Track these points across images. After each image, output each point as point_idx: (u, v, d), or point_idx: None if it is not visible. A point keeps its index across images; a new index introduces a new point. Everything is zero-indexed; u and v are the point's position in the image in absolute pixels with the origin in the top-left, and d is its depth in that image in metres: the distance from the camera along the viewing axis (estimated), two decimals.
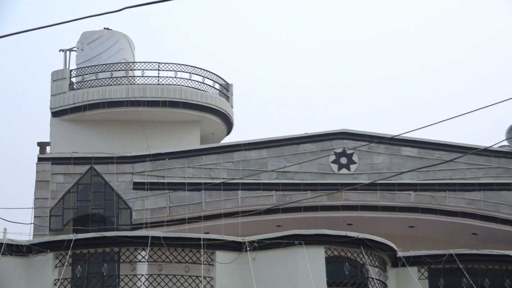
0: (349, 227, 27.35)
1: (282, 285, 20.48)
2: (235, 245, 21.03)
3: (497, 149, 30.04)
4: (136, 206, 28.86)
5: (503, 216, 29.67)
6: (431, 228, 30.00)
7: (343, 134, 30.18)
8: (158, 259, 20.78)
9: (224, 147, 30.24)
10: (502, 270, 22.59)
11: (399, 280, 22.27)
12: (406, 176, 29.41)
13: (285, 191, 29.43)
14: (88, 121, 31.03)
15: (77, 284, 20.67)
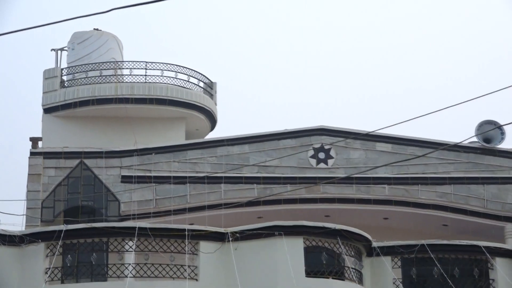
0: (327, 219, 27.37)
1: (262, 274, 20.50)
2: (218, 235, 21.04)
3: (467, 145, 30.13)
4: (124, 198, 28.83)
5: (472, 209, 29.78)
6: (405, 219, 30.09)
7: (321, 130, 30.22)
8: (144, 249, 20.77)
9: (208, 143, 30.25)
10: (471, 260, 22.68)
11: (374, 269, 22.33)
12: (381, 171, 29.47)
13: (266, 184, 29.45)
14: (78, 118, 31.00)
15: (67, 272, 20.65)
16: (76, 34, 32.80)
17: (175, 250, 20.75)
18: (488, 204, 29.81)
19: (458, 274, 22.32)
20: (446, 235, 28.58)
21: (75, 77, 31.48)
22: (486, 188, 30.03)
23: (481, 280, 22.45)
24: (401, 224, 30.15)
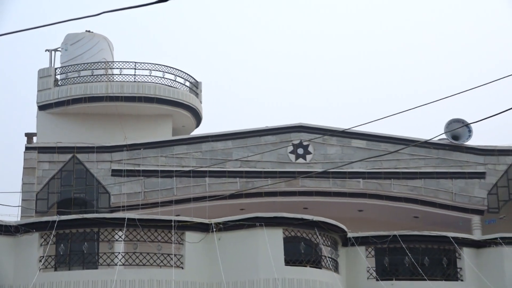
0: (305, 211, 27.38)
1: (244, 263, 20.50)
2: (203, 226, 21.02)
3: (436, 141, 30.22)
4: (114, 191, 28.78)
5: (441, 202, 29.87)
6: (378, 212, 30.16)
7: (300, 127, 30.26)
8: (133, 239, 20.74)
9: (194, 139, 30.23)
10: (440, 250, 22.75)
11: (349, 258, 22.37)
12: (356, 166, 29.52)
13: (248, 178, 29.46)
14: (71, 114, 30.95)
15: (60, 260, 20.59)
16: (69, 35, 32.77)
17: (162, 240, 20.73)
18: (456, 198, 29.91)
19: (428, 263, 22.39)
20: (416, 226, 28.66)
21: (68, 76, 31.46)
22: (454, 182, 30.13)
23: (449, 268, 22.53)
24: (374, 216, 30.23)
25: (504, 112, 17.01)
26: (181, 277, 20.23)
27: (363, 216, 30.13)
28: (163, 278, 20.06)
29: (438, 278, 22.27)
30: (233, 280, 20.27)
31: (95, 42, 32.62)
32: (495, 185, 30.20)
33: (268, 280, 20.11)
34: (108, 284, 19.78)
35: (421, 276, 21.98)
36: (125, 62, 31.65)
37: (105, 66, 31.63)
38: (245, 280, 20.24)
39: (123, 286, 19.87)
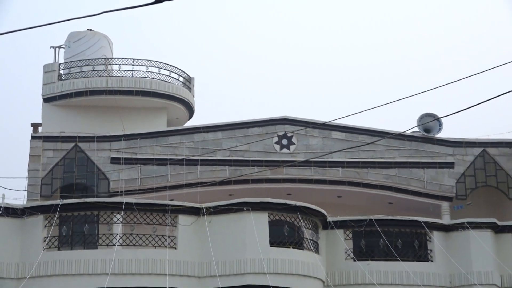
0: (289, 197, 27.41)
1: (232, 244, 20.52)
2: (195, 210, 21.03)
3: (409, 134, 30.29)
4: (113, 177, 28.75)
5: (414, 189, 29.95)
6: (355, 198, 30.21)
7: (284, 120, 30.27)
8: (130, 221, 20.74)
9: (186, 130, 30.22)
10: (412, 233, 22.82)
11: (329, 240, 22.41)
12: (336, 155, 29.55)
13: (236, 166, 29.46)
14: (73, 107, 30.90)
15: (63, 241, 20.57)
16: (72, 34, 32.73)
17: (157, 223, 20.74)
18: (427, 185, 29.99)
19: (401, 245, 22.45)
20: (391, 211, 28.71)
21: (71, 71, 31.43)
22: (425, 171, 30.21)
23: (421, 250, 22.61)
24: (352, 201, 30.28)
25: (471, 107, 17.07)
26: (174, 257, 20.25)
27: (342, 202, 30.17)
28: (157, 257, 20.07)
29: (410, 259, 22.34)
30: (222, 260, 20.30)
31: (96, 40, 32.60)
32: (463, 174, 30.30)
33: (254, 260, 20.15)
34: (107, 263, 19.78)
35: (394, 257, 22.05)
36: (123, 58, 31.64)
37: (105, 62, 31.62)
38: (233, 259, 20.27)
39: (121, 265, 19.87)
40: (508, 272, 22.33)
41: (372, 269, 21.87)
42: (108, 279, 19.40)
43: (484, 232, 22.63)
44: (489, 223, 22.87)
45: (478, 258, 22.18)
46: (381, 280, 21.76)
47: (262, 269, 20.01)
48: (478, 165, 30.54)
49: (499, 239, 22.81)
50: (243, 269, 20.12)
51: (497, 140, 31.07)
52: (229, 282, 20.07)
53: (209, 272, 20.27)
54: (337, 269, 22.05)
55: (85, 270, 19.83)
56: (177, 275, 20.04)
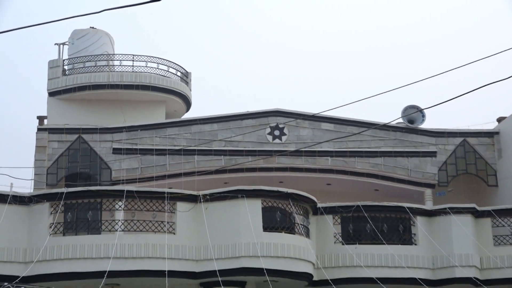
0: (280, 184, 27.44)
1: (228, 229, 20.55)
2: (192, 197, 21.05)
3: (394, 125, 30.33)
4: (114, 166, 28.75)
5: (398, 177, 30.01)
6: (344, 185, 30.25)
7: (276, 112, 30.28)
8: (131, 208, 20.75)
9: (184, 122, 30.21)
10: (396, 218, 22.88)
11: (319, 225, 22.47)
12: (325, 145, 29.58)
13: (231, 156, 29.48)
14: (77, 100, 30.88)
15: (68, 227, 20.58)
16: (75, 31, 32.72)
17: (156, 209, 20.75)
18: (411, 173, 30.05)
19: (386, 230, 22.51)
20: (377, 198, 28.79)
21: (74, 67, 31.44)
22: (409, 160, 30.26)
23: (405, 234, 22.68)
24: (340, 189, 30.33)
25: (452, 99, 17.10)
26: (173, 242, 20.28)
27: (331, 189, 30.22)
28: (157, 242, 20.10)
29: (395, 243, 22.42)
30: (218, 244, 20.33)
31: (98, 37, 32.57)
32: (444, 162, 30.37)
33: (248, 244, 20.19)
34: (109, 247, 19.80)
35: (380, 241, 22.11)
36: (124, 54, 31.63)
37: (107, 58, 31.61)
38: (229, 244, 20.31)
39: (122, 249, 19.89)
40: (487, 254, 22.41)
41: (360, 252, 21.94)
42: (110, 263, 19.43)
43: (465, 217, 22.70)
44: (469, 208, 22.94)
45: (459, 241, 22.26)
46: (367, 263, 21.83)
47: (256, 253, 20.05)
48: (459, 154, 30.62)
49: (478, 223, 22.89)
50: (238, 252, 20.16)
51: (477, 131, 31.16)
52: (225, 265, 20.11)
53: (206, 256, 20.31)
54: (326, 252, 22.10)
55: (88, 254, 19.85)
56: (176, 259, 20.08)
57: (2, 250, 19.95)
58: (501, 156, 30.64)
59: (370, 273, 21.56)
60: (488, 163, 30.58)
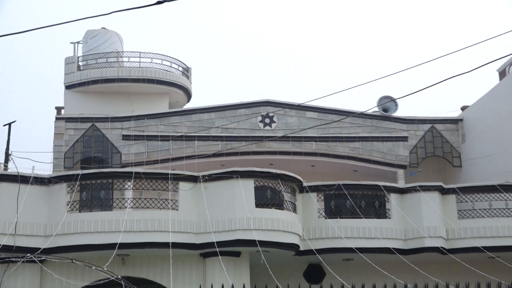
0: (271, 166, 27.46)
1: (224, 206, 20.56)
2: (193, 178, 21.04)
3: (370, 113, 30.36)
4: (124, 151, 28.72)
5: (374, 159, 30.07)
6: (326, 167, 30.30)
7: (267, 102, 30.28)
8: (139, 188, 20.73)
9: (185, 111, 30.20)
10: (373, 195, 22.91)
11: (304, 202, 22.49)
12: (310, 132, 29.60)
13: (227, 141, 29.48)
14: (90, 92, 30.82)
15: (83, 204, 20.56)
16: (88, 31, 32.69)
17: (161, 188, 20.74)
18: (385, 156, 30.11)
19: (364, 205, 22.55)
20: (356, 177, 28.83)
21: (88, 63, 31.37)
22: (384, 144, 30.32)
23: (380, 209, 22.72)
24: (323, 170, 30.37)
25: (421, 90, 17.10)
26: (176, 217, 20.29)
27: (315, 170, 30.26)
28: (162, 217, 20.11)
29: (371, 217, 22.46)
30: (216, 219, 20.36)
31: (108, 37, 32.52)
32: (415, 146, 30.44)
33: (242, 218, 20.22)
34: (120, 222, 19.81)
35: (358, 215, 22.17)
36: (132, 52, 31.62)
37: (116, 55, 31.57)
38: (225, 218, 20.34)
39: (131, 224, 19.90)
40: (452, 226, 22.49)
41: (340, 225, 21.99)
42: (121, 236, 19.44)
43: (432, 194, 22.76)
44: (437, 186, 23.00)
45: (428, 215, 22.33)
46: (347, 234, 21.89)
47: (249, 226, 20.08)
48: (428, 138, 30.70)
49: (444, 199, 22.95)
50: (233, 226, 20.19)
51: (443, 118, 31.25)
52: (222, 237, 20.14)
53: (205, 229, 20.33)
54: (311, 226, 22.15)
55: (102, 228, 19.85)
56: (178, 232, 20.09)
57: (25, 225, 19.94)
58: (464, 140, 30.73)
59: (350, 244, 21.62)
60: (453, 147, 30.66)
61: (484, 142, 29.33)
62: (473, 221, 22.55)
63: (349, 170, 30.35)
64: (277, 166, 26.17)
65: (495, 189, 22.81)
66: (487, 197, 22.83)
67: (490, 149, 28.61)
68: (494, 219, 22.39)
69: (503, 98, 28.42)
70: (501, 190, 22.74)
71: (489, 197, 22.80)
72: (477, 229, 22.36)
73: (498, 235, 22.18)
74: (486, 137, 29.27)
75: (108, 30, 32.76)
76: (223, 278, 19.17)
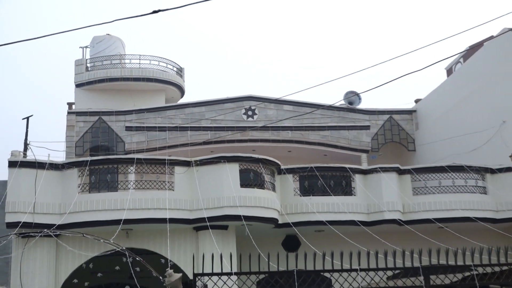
0: (253, 152, 27.51)
1: (213, 186, 20.55)
2: (186, 162, 21.02)
3: (338, 106, 30.46)
4: (127, 140, 28.63)
5: (342, 145, 30.20)
6: (301, 152, 30.40)
7: (249, 97, 30.28)
8: (140, 171, 20.67)
9: (179, 105, 30.15)
10: (340, 176, 22.97)
11: (282, 182, 22.54)
12: (286, 122, 29.67)
13: (215, 131, 29.46)
14: (97, 90, 30.72)
15: (92, 186, 20.46)
16: (95, 37, 32.59)
17: (159, 172, 20.68)
18: (351, 142, 30.24)
19: (333, 184, 22.60)
20: (325, 161, 28.95)
21: (95, 64, 31.23)
22: (349, 132, 30.43)
23: (347, 187, 22.80)
24: (298, 154, 30.47)
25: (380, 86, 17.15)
26: (172, 196, 20.27)
27: (291, 155, 30.36)
28: (160, 197, 20.08)
29: (339, 194, 22.54)
30: (207, 197, 20.36)
31: (112, 42, 32.45)
32: (376, 133, 30.59)
33: (229, 197, 20.24)
34: (124, 201, 19.75)
35: (328, 193, 22.24)
36: (133, 54, 31.57)
37: (119, 57, 31.48)
38: (214, 197, 20.35)
39: (134, 202, 19.86)
40: (408, 201, 22.62)
41: (313, 202, 22.06)
42: (125, 213, 19.40)
43: (391, 174, 22.87)
44: (394, 167, 23.12)
45: (387, 192, 22.45)
46: (319, 210, 21.97)
47: (235, 204, 20.10)
48: (386, 127, 30.85)
49: (401, 178, 23.08)
50: (222, 203, 20.20)
51: (400, 109, 31.43)
52: (212, 213, 20.16)
53: (197, 207, 20.33)
54: (288, 202, 22.20)
55: (108, 207, 19.80)
56: (174, 209, 20.08)
57: (42, 205, 19.84)
58: (417, 128, 30.91)
59: (321, 217, 21.70)
60: (408, 134, 30.85)
61: (434, 130, 29.54)
62: (425, 197, 22.71)
63: (320, 154, 30.48)
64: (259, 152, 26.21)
65: (443, 170, 22.97)
66: (437, 176, 22.99)
67: (439, 135, 28.83)
68: (443, 195, 22.56)
69: (450, 92, 28.61)
70: (449, 170, 22.91)
71: (438, 176, 22.96)
72: (428, 203, 22.53)
73: (446, 208, 22.36)
74: (436, 126, 29.48)
75: (112, 36, 32.67)
76: (213, 248, 19.19)
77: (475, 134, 25.91)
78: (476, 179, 22.89)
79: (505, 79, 24.35)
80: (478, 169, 23.04)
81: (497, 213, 22.78)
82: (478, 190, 22.81)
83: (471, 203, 22.42)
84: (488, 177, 23.12)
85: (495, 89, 25.10)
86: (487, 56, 25.80)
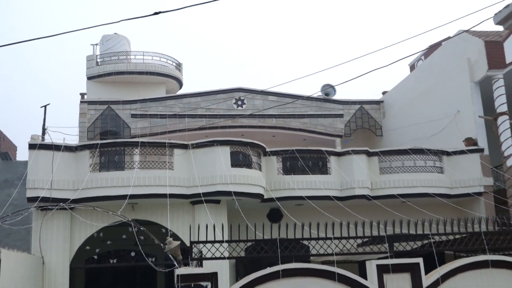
0: (242, 136, 27.51)
1: (208, 165, 20.55)
2: (184, 146, 20.98)
3: (316, 97, 30.47)
4: (132, 126, 28.50)
5: (319, 131, 30.24)
6: (283, 137, 30.41)
7: (239, 89, 30.18)
8: (144, 153, 20.61)
9: (178, 96, 30.02)
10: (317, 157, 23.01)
11: (267, 163, 22.58)
12: (271, 111, 29.63)
13: (209, 118, 29.39)
14: (106, 82, 30.54)
15: (102, 166, 20.38)
16: (104, 36, 32.38)
17: (160, 154, 20.65)
18: (327, 128, 30.28)
19: (311, 165, 22.66)
20: (305, 144, 29.01)
21: (104, 60, 31.06)
22: (326, 120, 30.47)
23: (323, 167, 22.86)
24: (281, 139, 30.48)
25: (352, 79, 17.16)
26: (172, 175, 20.25)
27: (275, 139, 30.37)
28: (161, 175, 20.06)
29: (316, 173, 22.60)
30: (202, 176, 20.37)
31: (119, 40, 32.28)
32: (348, 121, 30.65)
33: (221, 175, 20.26)
34: (130, 179, 19.72)
35: (307, 172, 22.30)
36: (137, 51, 31.38)
37: (125, 54, 31.33)
38: (208, 175, 20.36)
39: (139, 180, 19.83)
40: (376, 179, 22.73)
41: (294, 180, 22.13)
42: (130, 189, 19.38)
43: (361, 156, 22.97)
44: (364, 150, 23.20)
45: (357, 171, 22.55)
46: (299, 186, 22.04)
47: (227, 181, 20.14)
48: (358, 115, 30.92)
49: (370, 160, 23.17)
50: (215, 181, 20.23)
51: (369, 100, 31.47)
52: (206, 189, 20.18)
53: (193, 183, 20.33)
54: (272, 180, 22.27)
55: (116, 184, 19.75)
56: (174, 186, 20.07)
57: (58, 182, 19.77)
58: (384, 116, 31.00)
59: (301, 193, 21.80)
60: (376, 121, 30.94)
61: (399, 118, 29.66)
62: (390, 175, 22.84)
63: (300, 139, 30.54)
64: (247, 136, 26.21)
65: (406, 152, 23.11)
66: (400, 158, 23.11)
67: (403, 123, 28.95)
68: (405, 174, 22.71)
69: (412, 85, 28.70)
70: (411, 153, 23.05)
71: (402, 158, 23.09)
72: (393, 181, 22.67)
73: (408, 186, 22.52)
74: (400, 114, 29.60)
75: (119, 35, 32.48)
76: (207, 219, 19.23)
77: (434, 121, 26.05)
78: (434, 161, 23.06)
79: (459, 74, 24.46)
80: (436, 152, 23.20)
81: (452, 189, 23.00)
82: (436, 170, 22.99)
83: (429, 181, 22.60)
84: (444, 158, 23.29)
85: (451, 83, 25.22)
86: (444, 54, 25.88)
